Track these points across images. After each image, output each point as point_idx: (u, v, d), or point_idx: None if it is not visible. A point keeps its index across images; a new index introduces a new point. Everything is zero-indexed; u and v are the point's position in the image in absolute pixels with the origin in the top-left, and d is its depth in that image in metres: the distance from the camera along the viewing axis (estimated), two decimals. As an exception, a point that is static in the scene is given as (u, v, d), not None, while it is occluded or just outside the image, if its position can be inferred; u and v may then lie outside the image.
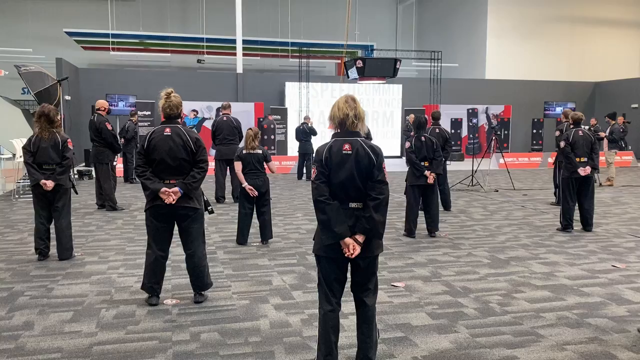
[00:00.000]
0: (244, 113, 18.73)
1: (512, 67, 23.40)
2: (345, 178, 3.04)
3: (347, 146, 3.05)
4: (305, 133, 13.52)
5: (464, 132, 20.47)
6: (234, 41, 20.02)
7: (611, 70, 24.14)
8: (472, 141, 20.04)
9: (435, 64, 19.01)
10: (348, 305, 3.93)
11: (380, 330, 3.82)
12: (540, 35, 23.90)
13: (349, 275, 3.20)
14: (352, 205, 3.08)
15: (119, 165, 13.57)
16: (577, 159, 7.31)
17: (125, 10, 23.60)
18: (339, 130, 3.12)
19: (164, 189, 4.14)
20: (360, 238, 3.04)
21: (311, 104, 19.92)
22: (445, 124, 20.36)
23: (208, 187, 10.76)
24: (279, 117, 18.97)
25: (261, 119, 18.39)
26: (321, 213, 3.04)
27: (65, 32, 21.54)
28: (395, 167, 14.85)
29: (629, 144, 19.68)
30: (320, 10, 25.71)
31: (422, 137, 7.03)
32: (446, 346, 3.61)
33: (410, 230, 7.00)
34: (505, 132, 20.67)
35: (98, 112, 8.99)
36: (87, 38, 22.46)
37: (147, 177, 4.20)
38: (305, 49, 18.69)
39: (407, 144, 7.05)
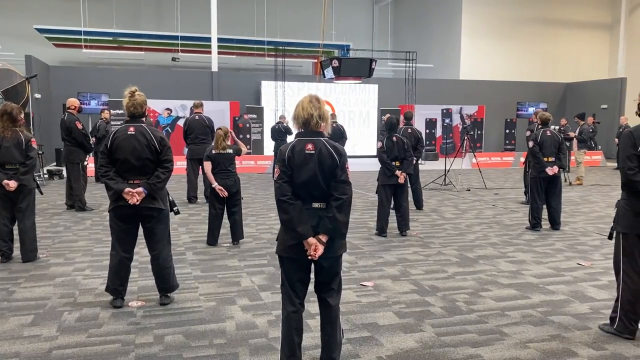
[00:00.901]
0: (219, 112, 18.60)
1: (486, 67, 23.68)
2: (308, 178, 3.02)
3: (310, 146, 3.04)
4: (280, 132, 13.47)
5: (439, 132, 20.64)
6: (209, 39, 19.86)
7: (582, 72, 24.62)
8: (445, 141, 20.22)
9: (410, 64, 19.13)
10: (315, 305, 3.92)
11: (346, 330, 3.83)
12: (514, 36, 24.24)
13: (312, 275, 3.19)
14: (316, 205, 3.07)
15: (90, 164, 13.36)
16: (545, 159, 7.42)
17: (98, 7, 23.19)
18: (302, 130, 3.10)
19: (127, 189, 4.07)
20: (323, 238, 3.03)
21: (287, 103, 19.86)
22: (420, 124, 20.55)
23: (181, 187, 10.67)
24: (255, 116, 18.88)
25: (237, 118, 18.28)
26: (283, 213, 3.03)
27: (36, 29, 21.08)
28: (372, 167, 14.88)
29: (598, 144, 20.11)
30: (297, 9, 25.65)
31: (394, 138, 7.06)
32: (411, 345, 3.62)
33: (381, 229, 7.02)
34: (479, 132, 20.92)
35: (69, 110, 8.81)
36: (59, 35, 22.01)
37: (110, 177, 4.12)
38: (281, 47, 18.64)
39: (379, 144, 7.07)
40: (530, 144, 7.60)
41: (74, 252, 6.04)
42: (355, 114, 20.97)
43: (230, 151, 6.30)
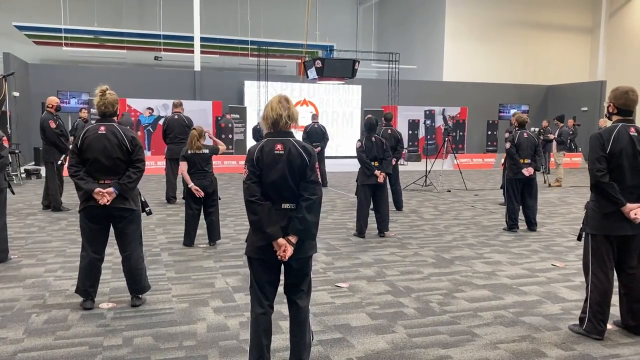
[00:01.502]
0: (202, 111, 18.49)
1: (469, 69, 23.85)
2: (278, 178, 3.00)
3: (279, 146, 3.02)
4: (261, 132, 13.37)
5: (422, 133, 20.73)
6: (192, 38, 19.73)
7: (563, 74, 24.91)
8: (427, 142, 20.33)
9: (393, 65, 19.19)
10: (287, 306, 3.91)
11: (318, 332, 3.82)
12: (496, 39, 24.44)
13: (282, 277, 3.17)
14: (285, 205, 3.05)
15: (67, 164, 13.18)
16: (522, 160, 7.49)
17: (79, 5, 22.90)
18: (271, 131, 3.08)
19: (97, 189, 4.01)
20: (292, 239, 3.02)
21: (270, 103, 19.81)
22: (403, 125, 20.65)
23: (161, 187, 10.58)
24: (237, 116, 18.79)
25: (219, 118, 18.19)
26: (252, 214, 3.00)
27: (15, 26, 20.76)
28: (355, 168, 14.88)
29: (579, 146, 20.36)
30: (281, 9, 25.59)
31: (373, 138, 7.07)
32: (382, 347, 3.62)
33: (360, 230, 7.02)
34: (461, 133, 21.06)
35: (47, 109, 8.69)
36: (39, 33, 21.70)
37: (80, 177, 4.06)
38: (264, 47, 18.59)
39: (358, 144, 7.08)
40: (507, 145, 7.66)
41: (47, 252, 5.95)
42: (338, 114, 20.99)
43: (206, 151, 6.25)
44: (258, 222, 2.98)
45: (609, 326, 3.96)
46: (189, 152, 6.17)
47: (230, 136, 17.79)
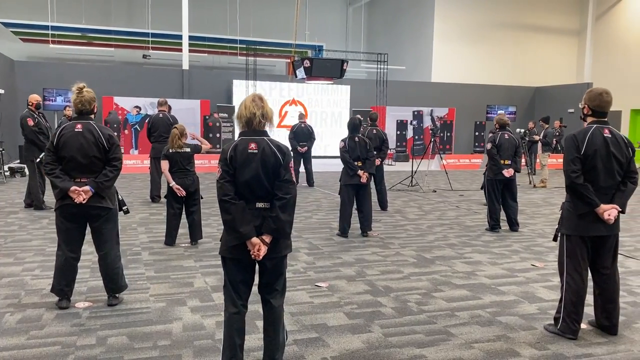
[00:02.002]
0: (190, 110, 18.44)
1: (457, 70, 23.95)
2: (251, 177, 3.00)
3: (253, 145, 3.01)
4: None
5: (410, 133, 20.78)
6: (180, 37, 19.63)
7: (551, 76, 25.10)
8: (415, 142, 20.38)
9: (382, 65, 19.23)
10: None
11: (294, 331, 3.82)
12: (485, 40, 24.56)
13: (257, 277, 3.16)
14: (259, 205, 3.04)
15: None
16: (502, 161, 7.53)
17: (66, 2, 22.72)
18: (245, 129, 3.07)
19: (73, 187, 3.98)
20: (267, 238, 3.01)
21: (259, 102, 19.78)
22: (391, 125, 20.71)
23: (146, 186, 10.52)
24: (226, 115, 18.73)
25: (207, 117, 18.12)
26: (225, 213, 2.99)
27: (1, 23, 20.56)
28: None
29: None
30: (271, 9, 25.54)
31: (356, 138, 7.08)
32: (357, 346, 3.62)
33: (343, 230, 7.02)
34: (448, 134, 21.15)
35: (28, 107, 8.61)
36: (25, 30, 21.50)
37: (56, 175, 4.03)
38: (252, 47, 18.55)
39: (341, 144, 7.08)
40: (488, 146, 7.71)
41: (26, 251, 5.89)
42: (327, 114, 21.00)
43: (188, 150, 6.22)
44: (231, 222, 2.97)
45: (583, 326, 3.99)
46: (170, 150, 6.14)
47: (217, 135, 17.73)
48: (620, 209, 3.74)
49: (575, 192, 3.73)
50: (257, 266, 3.14)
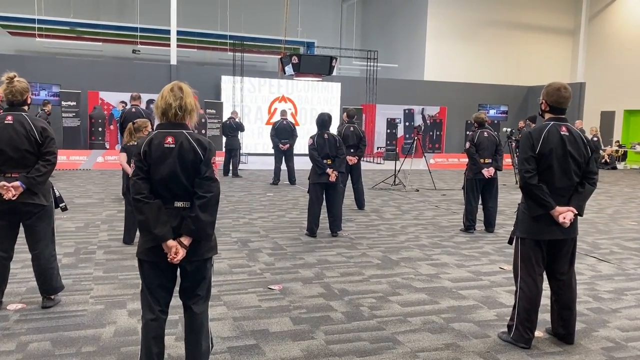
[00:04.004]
0: (177, 106, 18.18)
1: (450, 69, 23.71)
2: (168, 174, 2.77)
3: (170, 139, 2.79)
4: (232, 128, 13.17)
5: (400, 132, 20.55)
6: (169, 32, 19.39)
7: (544, 76, 24.84)
8: (406, 141, 20.18)
9: (372, 63, 19.00)
10: (210, 310, 3.70)
11: (232, 338, 3.62)
12: (478, 39, 24.33)
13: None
14: (178, 204, 2.82)
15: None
16: (482, 160, 7.31)
17: (55, -4, 22.45)
18: (162, 121, 2.85)
19: (2, 183, 3.76)
20: (185, 240, 2.79)
21: (248, 99, 19.56)
22: (381, 123, 20.48)
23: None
24: (213, 111, 18.50)
25: (193, 113, 17.87)
26: (139, 213, 2.77)
27: (-12, 16, 20.32)
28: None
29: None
30: (263, 5, 25.28)
31: (325, 135, 6.85)
32: (295, 354, 3.41)
33: (311, 230, 6.81)
34: (438, 132, 20.93)
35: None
36: (13, 23, 21.24)
37: (-17, 169, 3.80)
38: (239, 42, 18.32)
39: (310, 141, 6.86)
40: (467, 145, 7.48)
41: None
42: (317, 111, 20.60)
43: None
44: (145, 222, 2.75)
45: (540, 334, 3.79)
46: (129, 144, 5.92)
47: (203, 131, 17.48)
48: (577, 212, 3.52)
49: (529, 193, 3.51)
50: (178, 269, 2.92)
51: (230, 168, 13.31)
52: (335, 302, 4.38)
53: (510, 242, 3.78)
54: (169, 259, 2.78)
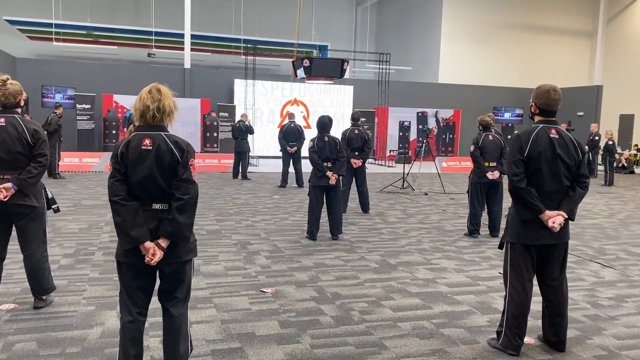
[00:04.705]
0: (190, 109, 18.33)
1: (465, 71, 23.54)
2: (145, 176, 2.77)
3: (147, 141, 2.79)
4: (241, 131, 13.22)
5: (413, 135, 20.43)
6: (183, 35, 19.57)
7: (561, 78, 24.48)
8: (418, 144, 20.01)
9: (384, 66, 18.93)
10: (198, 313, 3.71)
11: (217, 341, 3.62)
12: (493, 41, 24.12)
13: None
14: (156, 206, 2.82)
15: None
16: (487, 163, 7.22)
17: (73, 0, 22.80)
18: (140, 124, 2.85)
19: (-7, 184, 3.81)
20: (163, 242, 2.79)
21: (261, 102, 19.62)
22: (393, 126, 20.38)
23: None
24: (226, 114, 18.61)
25: (205, 116, 18.00)
26: (116, 215, 2.77)
27: (6, 20, 20.71)
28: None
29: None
30: (277, 8, 25.39)
31: (325, 137, 6.83)
32: (278, 358, 3.38)
33: (311, 233, 6.78)
34: (451, 135, 20.75)
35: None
36: (30, 27, 21.63)
37: (-25, 171, 3.85)
38: (250, 45, 18.42)
39: (310, 144, 6.84)
40: (471, 148, 7.39)
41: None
42: (329, 114, 20.70)
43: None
44: (122, 224, 2.75)
45: (531, 341, 3.72)
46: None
47: (215, 134, 17.60)
48: (568, 216, 3.44)
49: (518, 197, 3.45)
50: (157, 272, 2.92)
51: (240, 170, 13.35)
52: (326, 306, 4.34)
53: (500, 247, 3.71)
54: (145, 261, 2.78)
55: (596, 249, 6.72)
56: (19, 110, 4.03)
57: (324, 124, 6.85)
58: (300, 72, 16.00)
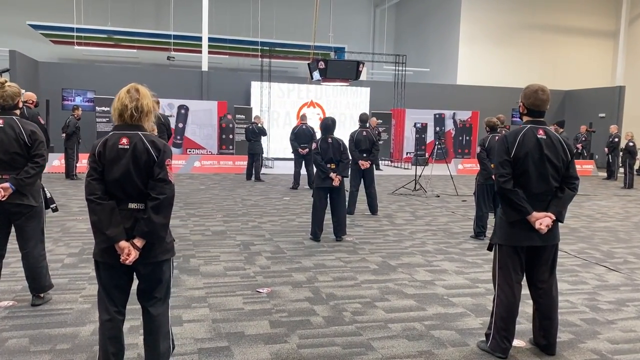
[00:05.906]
0: (207, 111, 18.53)
1: (483, 73, 23.29)
2: (121, 175, 2.80)
3: (124, 140, 2.83)
4: (254, 133, 13.31)
5: (430, 137, 20.28)
6: (202, 38, 19.79)
7: (582, 79, 24.10)
8: (435, 146, 19.84)
9: (401, 67, 18.84)
10: (191, 312, 3.76)
11: (206, 340, 3.64)
12: (512, 43, 23.82)
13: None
14: (132, 206, 2.85)
15: (59, 161, 13.33)
16: (493, 165, 7.13)
17: (93, 4, 23.25)
18: (118, 123, 2.89)
19: (-8, 184, 3.91)
20: (138, 242, 2.82)
21: (277, 104, 19.71)
22: (410, 128, 20.24)
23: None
24: (243, 116, 18.75)
25: (222, 118, 18.17)
26: (92, 214, 2.82)
27: (29, 25, 21.21)
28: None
29: (595, 154, 19.61)
30: (295, 10, 25.48)
31: (329, 139, 6.84)
32: (263, 357, 3.40)
33: (315, 234, 6.79)
34: (467, 137, 20.54)
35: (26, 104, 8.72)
36: (52, 32, 22.11)
37: (-26, 171, 3.96)
38: (266, 48, 18.52)
39: (314, 145, 6.86)
40: (478, 149, 7.32)
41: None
42: (345, 116, 20.71)
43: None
44: (97, 223, 2.79)
45: (523, 344, 3.67)
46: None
47: (230, 136, 17.74)
48: (556, 218, 3.39)
49: (504, 198, 3.40)
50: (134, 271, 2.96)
51: (253, 172, 13.44)
52: (319, 307, 4.34)
53: (489, 249, 3.67)
54: (120, 260, 2.81)
55: (604, 252, 6.59)
56: (17, 112, 4.13)
57: (328, 125, 6.86)
58: (316, 74, 16.05)
